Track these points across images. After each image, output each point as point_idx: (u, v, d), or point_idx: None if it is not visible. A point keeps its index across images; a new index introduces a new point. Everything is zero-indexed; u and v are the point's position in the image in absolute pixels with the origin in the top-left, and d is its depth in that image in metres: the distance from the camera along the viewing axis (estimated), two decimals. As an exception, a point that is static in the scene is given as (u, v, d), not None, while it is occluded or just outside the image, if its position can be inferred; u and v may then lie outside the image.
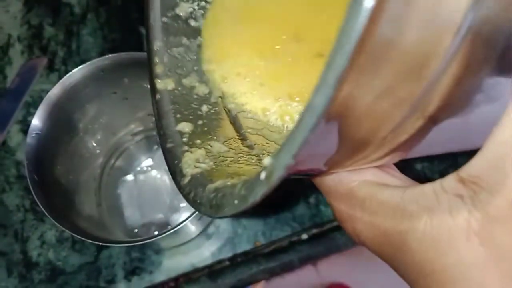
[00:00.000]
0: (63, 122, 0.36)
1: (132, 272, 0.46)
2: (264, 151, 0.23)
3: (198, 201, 0.20)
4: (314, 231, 0.48)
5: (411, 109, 0.13)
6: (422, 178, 0.47)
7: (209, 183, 0.20)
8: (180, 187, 0.21)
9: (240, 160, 0.22)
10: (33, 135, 0.34)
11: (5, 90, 0.50)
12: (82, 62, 0.46)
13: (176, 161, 0.22)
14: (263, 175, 0.14)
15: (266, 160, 0.14)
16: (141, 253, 0.46)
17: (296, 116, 0.23)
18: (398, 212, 0.15)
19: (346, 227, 0.17)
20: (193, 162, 0.22)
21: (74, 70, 0.34)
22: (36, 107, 0.49)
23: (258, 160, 0.22)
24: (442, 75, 0.12)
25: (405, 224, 0.15)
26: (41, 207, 0.34)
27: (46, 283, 0.45)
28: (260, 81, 0.25)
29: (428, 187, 0.14)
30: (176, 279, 0.46)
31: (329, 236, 0.48)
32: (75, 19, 0.53)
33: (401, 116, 0.13)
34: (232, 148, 0.23)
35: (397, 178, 0.17)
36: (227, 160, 0.22)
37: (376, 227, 0.16)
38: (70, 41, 0.53)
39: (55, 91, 0.34)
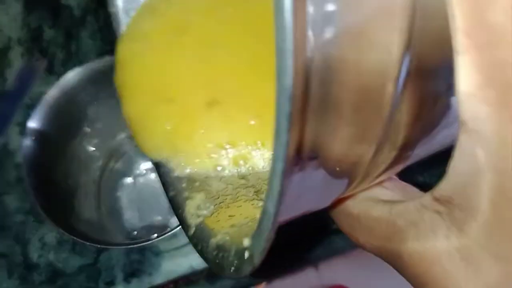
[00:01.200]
0: (61, 124, 0.36)
1: (131, 274, 0.46)
2: (259, 180, 0.23)
3: (205, 256, 0.20)
4: (314, 233, 0.48)
5: (378, 146, 0.14)
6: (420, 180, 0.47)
7: (211, 236, 0.21)
8: (188, 237, 0.22)
9: (238, 197, 0.22)
10: (31, 138, 0.34)
11: (5, 92, 0.51)
12: (82, 64, 0.46)
13: (180, 211, 0.23)
14: (246, 254, 0.15)
15: (246, 242, 0.15)
16: (141, 255, 0.46)
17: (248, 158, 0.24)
18: (389, 227, 0.16)
19: (353, 241, 0.18)
20: (195, 210, 0.22)
21: (72, 72, 0.34)
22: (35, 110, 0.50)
23: (255, 192, 0.22)
24: (396, 115, 0.13)
25: (396, 240, 0.16)
26: (40, 210, 0.34)
27: (46, 285, 0.46)
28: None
29: (411, 204, 0.16)
30: (175, 282, 0.46)
31: (329, 238, 0.48)
32: (74, 21, 0.53)
33: (371, 154, 0.14)
34: (229, 184, 0.23)
35: (389, 189, 0.18)
36: (226, 199, 0.22)
37: (375, 242, 0.17)
38: (70, 43, 0.53)
39: (52, 93, 0.34)
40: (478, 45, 0.12)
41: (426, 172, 0.47)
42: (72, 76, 0.35)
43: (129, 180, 0.46)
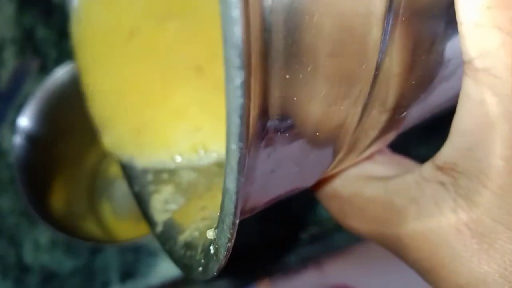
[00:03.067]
0: (51, 122, 0.36)
1: (127, 275, 0.45)
2: None
3: (172, 257, 0.18)
4: (315, 230, 0.47)
5: (365, 105, 0.12)
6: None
7: (179, 232, 0.18)
8: (156, 237, 0.20)
9: (212, 186, 0.20)
10: (21, 136, 0.33)
11: (-2, 93, 0.50)
12: (72, 62, 0.45)
13: (146, 207, 0.21)
14: (212, 249, 0.13)
15: (210, 233, 0.13)
16: (136, 256, 0.46)
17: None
18: (386, 207, 0.14)
19: (344, 226, 0.16)
20: (162, 205, 0.20)
21: (61, 69, 0.34)
22: (29, 109, 0.49)
23: None
24: (385, 64, 0.11)
25: (394, 221, 0.14)
26: (31, 209, 0.34)
27: (41, 287, 0.45)
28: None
29: (409, 177, 0.14)
30: (171, 282, 0.46)
31: (331, 235, 0.47)
32: (68, 21, 0.53)
33: (357, 116, 0.12)
34: (202, 172, 0.21)
35: (382, 164, 0.16)
36: (198, 189, 0.20)
37: (369, 226, 0.15)
38: (63, 42, 0.52)
39: (43, 91, 0.34)
40: None
41: (423, 143, 0.46)
42: (62, 73, 0.34)
43: (122, 179, 0.45)
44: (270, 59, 0.09)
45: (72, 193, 0.41)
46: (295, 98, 0.10)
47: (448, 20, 0.11)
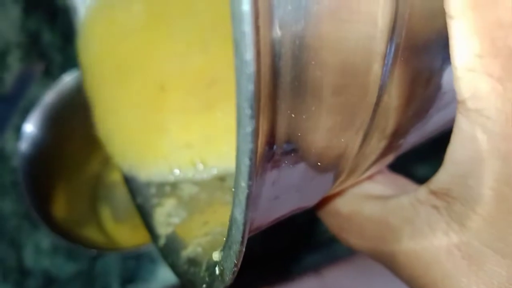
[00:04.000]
0: (57, 128, 0.36)
1: (127, 281, 0.45)
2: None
3: (176, 271, 0.18)
4: (315, 239, 0.48)
5: (366, 135, 0.12)
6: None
7: (183, 248, 0.18)
8: (158, 250, 0.20)
9: (214, 200, 0.20)
10: (27, 141, 0.34)
11: (2, 96, 0.50)
12: (79, 68, 0.45)
13: (149, 220, 0.21)
14: (217, 270, 0.14)
15: (216, 255, 0.14)
16: (137, 262, 0.46)
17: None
18: (382, 226, 0.15)
19: (344, 243, 0.17)
20: (165, 218, 0.20)
21: (68, 76, 0.34)
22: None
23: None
24: (384, 98, 0.12)
25: (390, 239, 0.14)
26: (35, 215, 0.34)
27: (40, 291, 0.45)
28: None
29: (404, 199, 0.14)
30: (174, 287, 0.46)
31: (329, 244, 0.47)
32: (73, 26, 0.53)
33: (357, 145, 0.12)
34: (203, 186, 0.21)
35: (380, 183, 0.17)
36: (199, 203, 0.20)
37: (366, 243, 0.16)
38: (68, 47, 0.52)
39: (49, 97, 0.34)
40: (474, 5, 0.10)
41: (422, 162, 0.46)
42: (69, 80, 0.34)
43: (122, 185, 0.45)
44: (278, 101, 0.10)
45: (74, 198, 0.41)
46: (299, 134, 0.11)
47: (445, 57, 0.12)
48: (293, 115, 0.10)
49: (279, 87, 0.10)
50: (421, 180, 0.16)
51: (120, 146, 0.23)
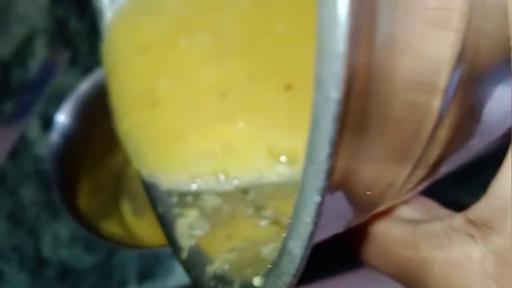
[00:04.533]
0: (87, 120, 0.36)
1: (144, 276, 0.45)
2: (259, 194, 0.21)
3: (199, 284, 0.18)
4: (317, 250, 0.47)
5: (414, 165, 0.12)
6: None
7: (208, 263, 0.18)
8: (180, 262, 0.20)
9: (236, 214, 0.20)
10: (58, 131, 0.33)
11: (27, 82, 0.50)
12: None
13: (170, 230, 0.20)
14: None
15: (257, 281, 0.13)
16: (155, 257, 0.45)
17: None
18: (411, 250, 0.15)
19: (367, 264, 0.17)
20: (187, 230, 0.20)
21: (100, 71, 0.34)
22: (57, 101, 0.49)
23: (256, 209, 0.20)
24: (438, 132, 0.12)
25: (419, 265, 0.14)
26: (61, 204, 0.34)
27: (57, 281, 0.45)
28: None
29: (438, 225, 0.14)
30: (188, 286, 0.46)
31: (336, 253, 0.47)
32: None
33: (406, 174, 0.13)
34: (225, 198, 0.21)
35: (410, 207, 0.17)
36: (222, 216, 0.20)
37: (391, 266, 0.16)
38: (95, 36, 0.52)
39: (83, 87, 0.34)
40: None
41: (456, 188, 0.46)
42: (100, 74, 0.34)
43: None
44: (347, 136, 0.10)
45: (97, 190, 0.41)
46: (355, 166, 0.11)
47: (500, 88, 0.12)
48: (354, 148, 0.10)
49: (349, 121, 0.10)
50: (451, 205, 0.16)
51: (140, 151, 0.23)
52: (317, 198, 0.10)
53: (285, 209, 0.19)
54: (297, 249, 0.11)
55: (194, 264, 0.19)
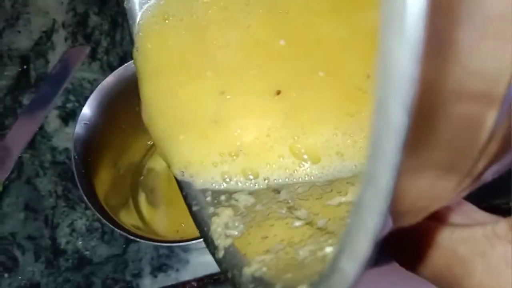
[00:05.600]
0: (111, 114, 0.36)
1: (158, 268, 0.46)
2: (291, 193, 0.21)
3: (238, 286, 0.18)
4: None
5: (461, 179, 0.12)
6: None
7: (245, 264, 0.18)
8: (216, 261, 0.19)
9: (269, 214, 0.20)
10: (82, 124, 0.34)
11: (47, 75, 0.51)
12: (125, 54, 0.46)
13: (205, 229, 0.20)
14: None
15: None
16: (169, 250, 0.46)
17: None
18: (449, 254, 0.14)
19: (406, 268, 0.17)
20: (222, 230, 0.20)
21: (129, 63, 0.34)
22: (75, 95, 0.50)
23: (288, 209, 0.20)
24: (490, 145, 0.12)
25: (459, 271, 0.14)
26: (83, 196, 0.34)
27: (72, 272, 0.45)
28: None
29: (478, 230, 0.14)
30: (201, 279, 0.46)
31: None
32: (120, 10, 0.53)
33: (452, 188, 0.12)
34: (258, 197, 0.21)
35: (449, 211, 0.16)
36: (256, 216, 0.20)
37: (429, 269, 0.15)
38: (114, 31, 0.53)
39: (108, 81, 0.34)
40: None
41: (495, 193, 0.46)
42: (129, 65, 0.34)
43: (157, 172, 0.45)
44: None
45: (117, 182, 0.42)
46: (407, 185, 0.11)
47: None
48: (408, 166, 0.10)
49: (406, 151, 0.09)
50: (486, 207, 0.16)
51: (172, 151, 0.23)
52: (378, 222, 0.09)
53: (318, 210, 0.19)
54: (351, 269, 0.10)
55: (231, 265, 0.18)
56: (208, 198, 0.21)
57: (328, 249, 0.15)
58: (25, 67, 0.52)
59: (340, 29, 0.23)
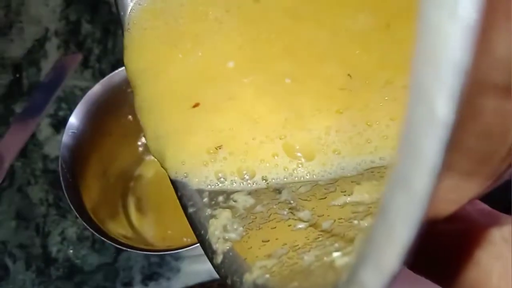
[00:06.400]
0: (100, 122, 0.36)
1: (149, 277, 0.45)
2: (292, 193, 0.20)
3: None
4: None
5: (486, 180, 0.12)
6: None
7: (246, 271, 0.17)
8: (214, 267, 0.18)
9: (270, 215, 0.19)
10: (70, 133, 0.34)
11: (39, 83, 0.51)
12: (117, 61, 0.46)
13: (202, 232, 0.19)
14: None
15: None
16: (160, 258, 0.46)
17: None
18: (462, 257, 0.14)
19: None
20: (221, 233, 0.19)
21: (117, 71, 0.34)
22: (68, 103, 0.50)
23: (290, 210, 0.19)
24: None
25: (474, 274, 0.13)
26: (71, 206, 0.34)
27: (63, 280, 0.45)
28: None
29: (495, 232, 0.13)
30: (193, 287, 0.46)
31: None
32: (113, 18, 0.53)
33: (476, 190, 0.12)
34: (257, 198, 0.20)
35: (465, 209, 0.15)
36: (256, 218, 0.19)
37: (441, 270, 0.14)
38: (106, 39, 0.53)
39: (95, 90, 0.34)
40: None
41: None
42: (116, 74, 0.34)
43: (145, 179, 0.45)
44: None
45: (106, 191, 0.42)
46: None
47: None
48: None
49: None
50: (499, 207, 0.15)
51: (164, 149, 0.23)
52: (411, 233, 0.08)
53: (322, 211, 0.18)
54: (374, 284, 0.09)
55: (230, 270, 0.17)
56: (205, 199, 0.20)
57: (336, 254, 0.14)
58: (17, 75, 0.52)
59: (317, 32, 0.23)
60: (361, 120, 0.21)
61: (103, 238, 0.35)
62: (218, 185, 0.21)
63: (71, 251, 0.46)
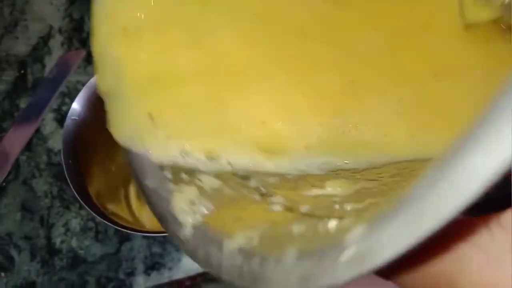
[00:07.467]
0: (101, 110, 0.37)
1: (152, 267, 0.46)
2: (263, 181, 0.19)
3: (217, 265, 0.16)
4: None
5: None
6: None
7: (224, 236, 0.16)
8: (179, 241, 0.17)
9: (241, 198, 0.18)
10: (71, 119, 0.35)
11: (43, 79, 0.52)
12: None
13: (164, 205, 0.18)
14: (347, 254, 0.11)
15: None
16: (162, 248, 0.46)
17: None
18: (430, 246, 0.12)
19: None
20: (187, 206, 0.18)
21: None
22: (71, 98, 0.51)
23: (261, 195, 0.18)
24: None
25: (453, 266, 0.12)
26: (73, 190, 0.35)
27: (67, 270, 0.46)
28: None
29: (480, 221, 0.12)
30: (193, 277, 0.46)
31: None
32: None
33: None
34: (226, 181, 0.19)
35: None
36: (224, 198, 0.18)
37: (419, 271, 0.13)
38: (109, 36, 0.54)
39: (92, 82, 0.35)
40: None
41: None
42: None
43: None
44: None
45: (108, 177, 0.42)
46: None
47: None
48: None
49: None
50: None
51: (130, 117, 0.21)
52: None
53: (296, 198, 0.18)
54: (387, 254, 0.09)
55: (204, 240, 0.17)
56: (168, 175, 0.19)
57: (333, 222, 0.14)
58: (22, 71, 0.53)
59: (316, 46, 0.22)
60: (348, 123, 0.21)
61: (106, 223, 0.36)
62: (179, 160, 0.19)
63: (74, 241, 0.47)
